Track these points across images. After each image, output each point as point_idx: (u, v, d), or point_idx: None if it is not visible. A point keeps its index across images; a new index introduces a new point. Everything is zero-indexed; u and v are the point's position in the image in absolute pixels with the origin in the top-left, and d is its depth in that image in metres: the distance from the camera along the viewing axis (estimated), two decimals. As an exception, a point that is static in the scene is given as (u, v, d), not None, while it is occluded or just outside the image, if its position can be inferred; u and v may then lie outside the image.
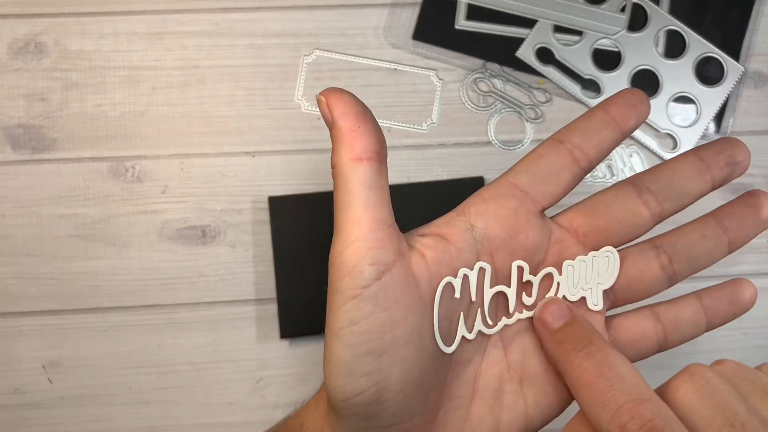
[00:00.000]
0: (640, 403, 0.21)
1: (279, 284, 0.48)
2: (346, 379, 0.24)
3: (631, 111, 0.27)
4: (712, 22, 0.51)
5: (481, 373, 0.27)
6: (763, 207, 0.27)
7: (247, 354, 0.49)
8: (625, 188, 0.27)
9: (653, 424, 0.20)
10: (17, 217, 0.48)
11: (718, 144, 0.27)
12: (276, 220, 0.48)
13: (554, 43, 0.50)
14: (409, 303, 0.25)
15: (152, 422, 0.48)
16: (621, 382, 0.22)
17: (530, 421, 0.27)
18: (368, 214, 0.24)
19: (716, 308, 0.28)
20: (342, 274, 0.24)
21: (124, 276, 0.48)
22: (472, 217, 0.27)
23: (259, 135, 0.49)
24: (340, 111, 0.24)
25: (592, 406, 0.22)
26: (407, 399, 0.25)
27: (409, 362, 0.25)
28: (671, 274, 0.28)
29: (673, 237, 0.28)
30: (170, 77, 0.50)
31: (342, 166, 0.24)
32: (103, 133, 0.49)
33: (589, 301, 0.27)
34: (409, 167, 0.50)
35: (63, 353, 0.48)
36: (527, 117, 0.50)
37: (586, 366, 0.23)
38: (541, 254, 0.27)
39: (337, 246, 0.24)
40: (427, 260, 0.26)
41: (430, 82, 0.50)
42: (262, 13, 0.50)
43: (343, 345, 0.24)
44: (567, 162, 0.27)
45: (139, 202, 0.49)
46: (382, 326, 0.24)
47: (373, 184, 0.24)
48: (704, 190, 0.28)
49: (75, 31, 0.49)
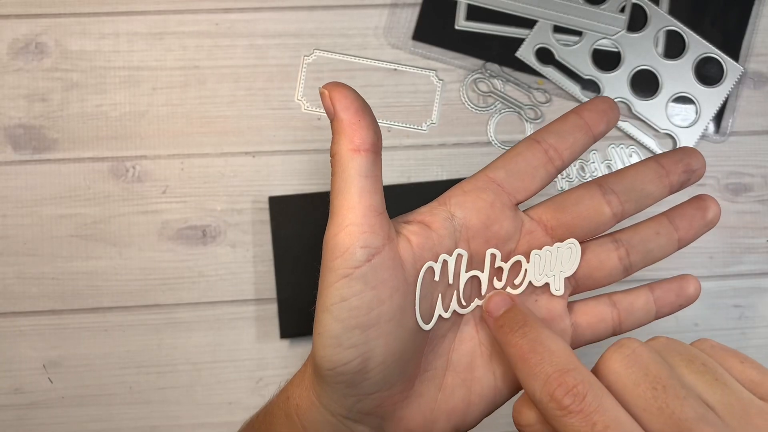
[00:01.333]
0: (566, 372, 0.23)
1: (279, 284, 0.48)
2: (334, 349, 0.26)
3: (602, 117, 0.30)
4: (711, 22, 0.51)
5: (454, 348, 0.30)
6: (710, 210, 0.31)
7: (248, 354, 0.49)
8: (592, 188, 0.30)
9: (577, 389, 0.22)
10: (18, 217, 0.49)
11: (677, 153, 0.31)
12: (276, 220, 0.48)
13: (554, 44, 0.50)
14: (394, 283, 0.27)
15: (152, 422, 0.48)
16: (550, 355, 0.24)
17: (499, 393, 0.30)
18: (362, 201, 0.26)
19: (665, 299, 0.31)
20: (335, 255, 0.26)
21: (125, 276, 0.49)
22: (452, 207, 0.29)
23: (259, 135, 0.49)
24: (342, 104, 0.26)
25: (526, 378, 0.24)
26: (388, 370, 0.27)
27: (391, 336, 0.27)
28: (628, 265, 0.31)
29: (631, 232, 0.31)
30: (171, 77, 0.50)
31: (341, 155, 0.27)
32: (104, 134, 0.49)
33: (552, 286, 0.30)
34: (409, 167, 0.50)
35: (63, 353, 0.48)
36: (527, 117, 0.50)
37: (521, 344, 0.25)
38: (512, 243, 0.30)
39: (332, 229, 0.27)
40: (412, 245, 0.28)
41: (430, 82, 0.50)
42: (263, 14, 0.50)
43: (333, 319, 0.26)
44: (542, 161, 0.30)
45: (140, 202, 0.49)
46: (369, 303, 0.26)
47: (368, 174, 0.27)
48: (663, 194, 0.31)
49: (75, 32, 0.50)
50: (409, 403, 0.29)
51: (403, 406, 0.29)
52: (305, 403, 0.30)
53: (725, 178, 0.51)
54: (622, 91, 0.50)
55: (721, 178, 0.51)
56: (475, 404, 0.30)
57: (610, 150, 0.50)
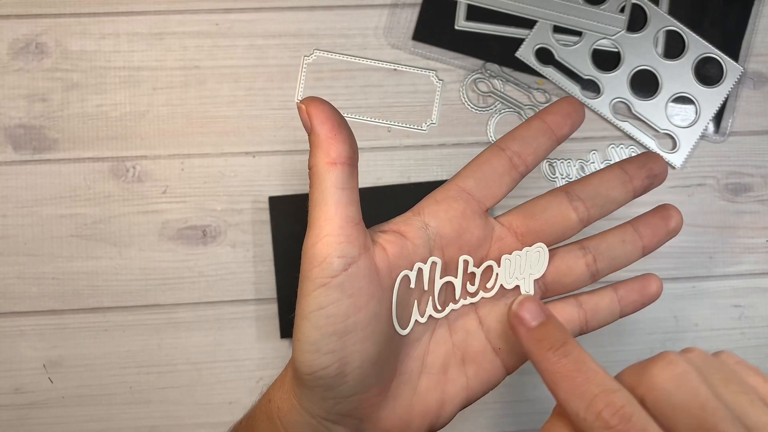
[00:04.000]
0: (612, 392, 0.23)
1: (279, 284, 0.48)
2: (313, 355, 0.28)
3: (565, 119, 0.32)
4: (711, 22, 0.51)
5: (429, 351, 0.31)
6: (673, 219, 0.32)
7: (248, 353, 0.49)
8: (559, 195, 0.32)
9: (624, 411, 0.23)
10: (18, 217, 0.49)
11: (641, 158, 0.32)
12: (276, 220, 0.48)
13: (554, 44, 0.50)
14: (370, 291, 0.28)
15: (152, 422, 0.48)
16: (594, 375, 0.24)
17: (471, 392, 0.32)
18: (339, 212, 0.27)
19: (628, 298, 0.32)
20: (313, 264, 0.27)
21: (125, 276, 0.49)
22: (426, 217, 0.31)
23: (260, 135, 0.50)
24: (319, 119, 0.27)
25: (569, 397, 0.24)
26: (365, 373, 0.28)
27: (368, 342, 0.28)
28: (595, 271, 0.32)
29: (598, 240, 0.32)
30: (171, 77, 0.50)
31: (318, 168, 0.28)
32: (104, 134, 0.49)
33: (523, 288, 0.31)
34: (409, 167, 0.50)
35: (64, 353, 0.48)
36: (527, 117, 0.50)
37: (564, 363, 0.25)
38: (484, 249, 0.32)
39: (310, 239, 0.28)
40: (388, 254, 0.29)
41: (430, 82, 0.50)
42: (263, 14, 0.50)
43: (311, 326, 0.27)
44: (507, 167, 0.31)
45: (140, 202, 0.49)
46: (346, 311, 0.27)
47: (345, 186, 0.28)
48: (627, 199, 0.32)
49: (76, 32, 0.50)
50: (385, 405, 0.30)
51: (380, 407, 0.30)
52: (286, 405, 0.31)
53: (725, 178, 0.51)
54: (621, 91, 0.50)
55: (720, 178, 0.51)
56: (449, 403, 0.31)
57: (610, 150, 0.50)
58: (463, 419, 0.48)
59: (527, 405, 0.49)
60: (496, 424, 0.49)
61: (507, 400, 0.49)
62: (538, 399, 0.49)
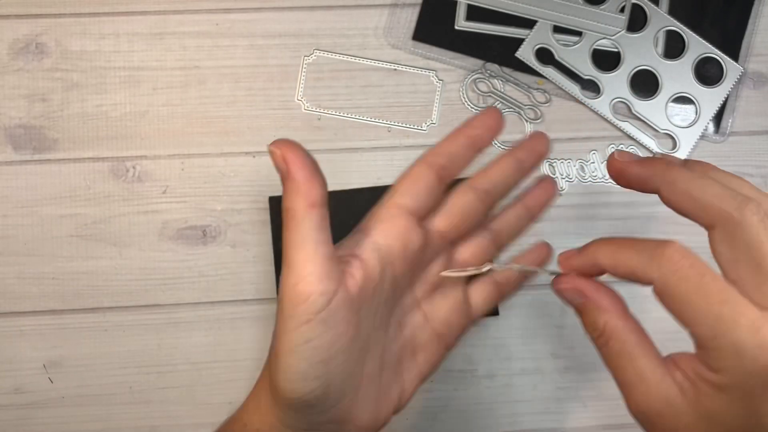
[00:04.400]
0: (763, 195, 0.27)
1: (279, 284, 0.48)
2: (300, 383, 0.30)
3: (487, 133, 0.36)
4: (711, 22, 0.51)
5: (385, 350, 0.35)
6: (552, 188, 0.40)
7: (248, 354, 0.49)
8: (468, 192, 0.36)
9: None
10: (18, 217, 0.49)
11: (529, 143, 0.38)
12: (276, 220, 0.48)
13: (554, 44, 0.50)
14: (348, 318, 0.30)
15: (152, 422, 0.48)
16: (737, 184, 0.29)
17: (423, 375, 0.36)
18: (318, 252, 0.29)
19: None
20: (297, 303, 0.29)
21: (125, 276, 0.49)
22: (375, 237, 0.33)
23: (260, 135, 0.50)
24: (297, 165, 0.29)
25: (714, 198, 0.28)
26: (344, 388, 0.31)
27: (347, 362, 0.31)
28: (500, 244, 0.39)
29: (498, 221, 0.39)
30: (171, 77, 0.50)
31: (296, 211, 0.29)
32: (104, 134, 0.49)
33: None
34: (409, 167, 0.50)
35: (64, 353, 0.48)
36: (527, 117, 0.50)
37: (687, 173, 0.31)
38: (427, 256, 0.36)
39: (290, 279, 0.29)
40: (356, 279, 0.31)
41: (430, 82, 0.50)
42: (263, 14, 0.50)
43: (299, 358, 0.29)
44: (436, 182, 0.34)
45: (140, 202, 0.49)
46: (330, 341, 0.30)
47: (321, 226, 0.30)
48: (521, 180, 0.38)
49: (76, 32, 0.50)
50: (357, 406, 0.33)
51: (353, 409, 0.33)
52: (266, 426, 0.33)
53: (725, 178, 0.51)
54: (621, 91, 0.50)
55: (720, 178, 0.51)
56: (407, 389, 0.36)
57: (610, 150, 0.50)
58: (463, 419, 0.48)
59: (527, 405, 0.49)
60: (496, 424, 0.49)
61: (507, 400, 0.49)
62: (538, 399, 0.49)
